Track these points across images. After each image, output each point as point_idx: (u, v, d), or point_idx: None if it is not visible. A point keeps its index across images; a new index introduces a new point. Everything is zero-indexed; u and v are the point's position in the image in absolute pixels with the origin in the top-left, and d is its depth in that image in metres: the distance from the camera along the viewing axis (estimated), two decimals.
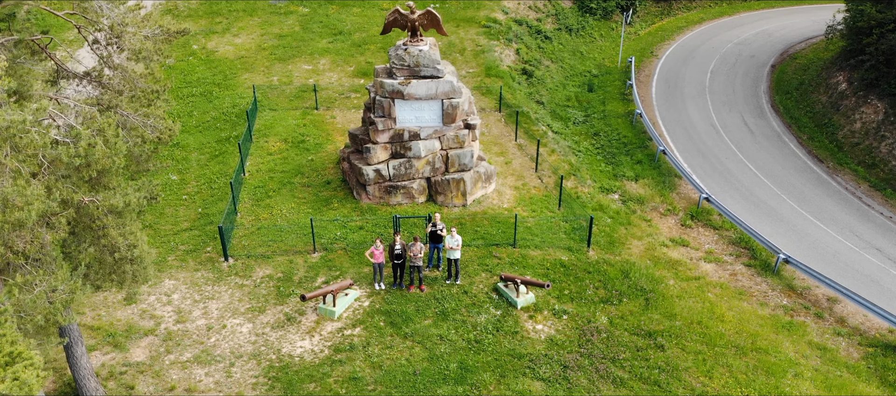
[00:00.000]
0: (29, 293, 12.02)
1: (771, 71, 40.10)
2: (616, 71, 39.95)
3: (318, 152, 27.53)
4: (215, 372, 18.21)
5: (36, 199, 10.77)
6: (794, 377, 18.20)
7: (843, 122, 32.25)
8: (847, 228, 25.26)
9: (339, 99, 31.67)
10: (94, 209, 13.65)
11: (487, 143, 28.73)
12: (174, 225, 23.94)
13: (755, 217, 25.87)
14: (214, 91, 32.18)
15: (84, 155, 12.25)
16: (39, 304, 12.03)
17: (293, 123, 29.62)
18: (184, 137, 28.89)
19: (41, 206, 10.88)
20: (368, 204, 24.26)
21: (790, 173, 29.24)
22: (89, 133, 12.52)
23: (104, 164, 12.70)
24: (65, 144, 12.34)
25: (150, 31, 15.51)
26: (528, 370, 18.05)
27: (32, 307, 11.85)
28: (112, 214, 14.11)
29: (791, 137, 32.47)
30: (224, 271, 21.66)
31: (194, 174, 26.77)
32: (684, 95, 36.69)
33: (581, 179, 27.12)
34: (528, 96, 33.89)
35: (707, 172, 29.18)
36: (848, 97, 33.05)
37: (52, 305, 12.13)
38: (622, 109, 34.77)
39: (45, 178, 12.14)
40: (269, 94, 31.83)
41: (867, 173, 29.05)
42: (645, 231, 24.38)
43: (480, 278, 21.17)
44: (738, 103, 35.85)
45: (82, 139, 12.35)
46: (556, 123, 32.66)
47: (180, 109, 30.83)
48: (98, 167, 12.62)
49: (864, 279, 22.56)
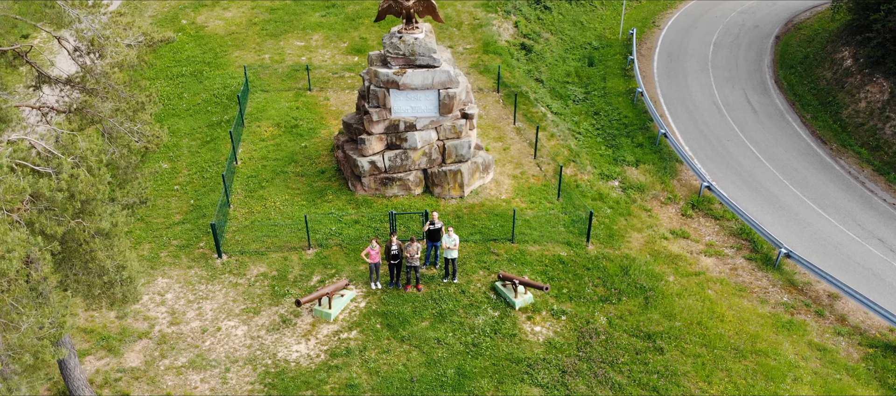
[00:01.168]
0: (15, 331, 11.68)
1: (775, 42, 39.21)
2: (617, 43, 39.01)
3: (311, 138, 26.92)
4: (211, 378, 18.05)
5: (18, 245, 10.33)
6: (793, 381, 18.12)
7: (847, 100, 31.63)
8: (849, 216, 24.95)
9: (332, 79, 30.88)
10: (81, 233, 13.21)
11: (485, 126, 28.13)
12: (166, 218, 23.51)
13: (757, 205, 25.52)
14: (205, 71, 31.33)
15: (67, 187, 11.77)
16: (27, 342, 11.70)
17: (286, 105, 28.90)
18: (174, 121, 28.22)
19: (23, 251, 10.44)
20: (364, 196, 23.81)
21: (793, 156, 28.78)
22: (71, 162, 11.99)
23: (89, 194, 12.22)
24: (46, 176, 11.84)
25: (133, 39, 14.82)
26: (527, 376, 17.92)
27: (20, 347, 11.51)
28: (99, 236, 13.69)
29: (794, 117, 31.89)
30: (218, 268, 21.33)
31: (185, 162, 26.20)
32: (686, 71, 35.91)
33: (581, 165, 26.64)
34: (527, 74, 33.11)
35: (709, 156, 28.69)
36: (853, 74, 32.35)
37: (41, 342, 11.80)
38: (623, 86, 34.04)
39: (26, 212, 11.66)
40: (261, 74, 31.01)
41: (870, 156, 28.60)
42: (645, 222, 24.04)
43: (478, 276, 20.90)
44: (742, 79, 35.12)
45: (64, 170, 11.84)
46: (556, 102, 31.97)
47: (170, 91, 30.05)
48: (82, 198, 12.14)
49: (866, 273, 22.35)
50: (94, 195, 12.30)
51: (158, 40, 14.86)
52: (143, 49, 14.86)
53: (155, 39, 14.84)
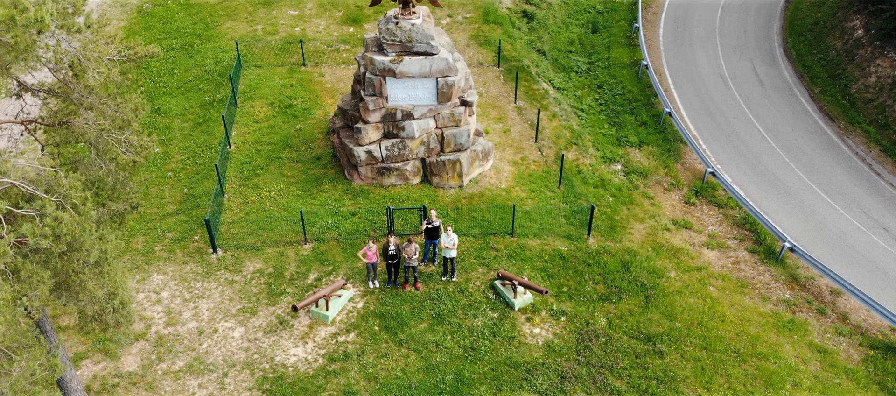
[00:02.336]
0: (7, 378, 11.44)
1: (785, 6, 37.94)
2: (622, 7, 37.72)
3: (306, 120, 26.23)
4: (209, 383, 17.99)
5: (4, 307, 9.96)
6: (792, 386, 18.08)
7: (857, 74, 30.77)
8: (855, 203, 24.55)
9: (327, 53, 29.92)
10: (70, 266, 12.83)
11: (485, 106, 27.40)
12: (160, 209, 23.08)
13: (762, 191, 25.08)
14: (196, 44, 30.32)
15: (51, 233, 11.32)
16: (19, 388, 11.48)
17: (280, 82, 28.07)
18: (166, 100, 27.45)
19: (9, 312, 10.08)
20: (360, 185, 23.33)
21: (800, 135, 28.16)
22: (54, 204, 11.50)
23: (75, 234, 11.77)
24: (29, 220, 11.37)
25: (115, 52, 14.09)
26: (525, 381, 17.87)
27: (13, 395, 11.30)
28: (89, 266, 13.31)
29: (802, 90, 31.08)
30: (213, 264, 21.05)
31: (178, 146, 25.60)
32: (693, 39, 34.84)
33: (583, 148, 26.06)
34: (528, 45, 32.08)
35: (714, 135, 28.06)
36: (864, 46, 31.38)
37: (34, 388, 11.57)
38: (628, 57, 33.05)
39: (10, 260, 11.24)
40: (254, 47, 30.02)
41: (879, 135, 27.99)
42: (647, 211, 23.64)
43: (477, 273, 20.65)
44: (750, 48, 34.10)
45: (47, 213, 11.36)
46: (559, 75, 31.08)
47: (161, 66, 29.14)
48: (68, 239, 11.70)
49: (870, 266, 22.11)
50: (80, 235, 11.86)
51: (142, 55, 14.13)
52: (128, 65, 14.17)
53: (138, 54, 14.12)
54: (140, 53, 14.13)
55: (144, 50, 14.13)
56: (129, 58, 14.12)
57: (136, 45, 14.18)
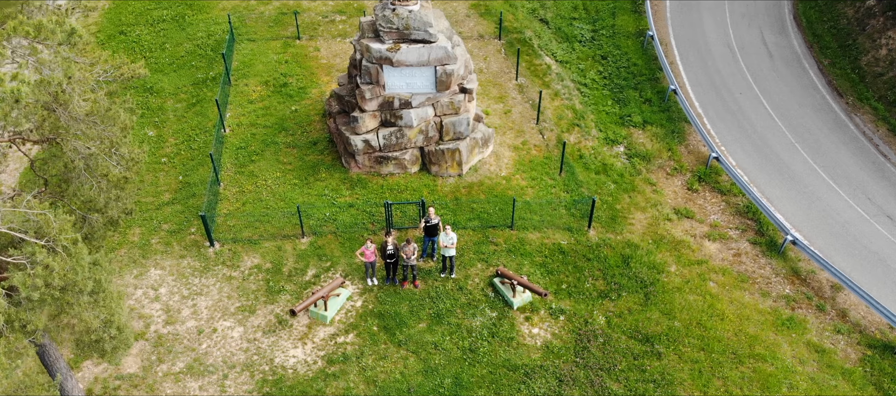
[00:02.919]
0: None
1: None
2: None
3: (301, 100, 25.61)
4: (209, 385, 18.11)
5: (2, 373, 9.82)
6: (788, 389, 18.21)
7: (868, 45, 29.88)
8: (860, 189, 24.21)
9: (322, 24, 28.97)
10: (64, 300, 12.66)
11: (485, 83, 26.71)
12: (155, 197, 22.77)
13: (766, 175, 24.69)
14: (187, 15, 29.32)
15: (43, 283, 11.08)
16: None
17: (274, 58, 27.28)
18: (158, 78, 26.73)
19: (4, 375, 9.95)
20: (358, 174, 22.95)
21: (807, 112, 27.55)
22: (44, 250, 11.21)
23: (67, 279, 11.54)
24: (20, 269, 11.11)
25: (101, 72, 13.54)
26: (523, 384, 17.98)
27: None
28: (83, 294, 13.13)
29: (812, 62, 30.26)
30: (210, 259, 20.91)
31: (172, 129, 25.07)
32: (701, 5, 33.70)
33: (585, 129, 25.53)
34: (530, 14, 31.03)
35: (719, 113, 27.45)
36: (876, 15, 30.38)
37: None
38: (633, 25, 32.03)
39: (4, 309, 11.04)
40: (247, 19, 29.04)
41: (887, 113, 27.39)
42: (649, 200, 23.33)
43: (476, 269, 20.52)
44: (759, 14, 33.02)
45: (38, 262, 11.10)
46: (562, 45, 30.18)
47: (152, 40, 28.26)
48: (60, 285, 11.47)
49: (872, 257, 21.95)
50: (72, 278, 11.63)
51: (129, 76, 13.57)
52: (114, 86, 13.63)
53: (124, 75, 13.56)
54: (126, 73, 13.57)
55: (130, 70, 13.57)
56: (115, 78, 13.58)
57: (121, 64, 13.62)
